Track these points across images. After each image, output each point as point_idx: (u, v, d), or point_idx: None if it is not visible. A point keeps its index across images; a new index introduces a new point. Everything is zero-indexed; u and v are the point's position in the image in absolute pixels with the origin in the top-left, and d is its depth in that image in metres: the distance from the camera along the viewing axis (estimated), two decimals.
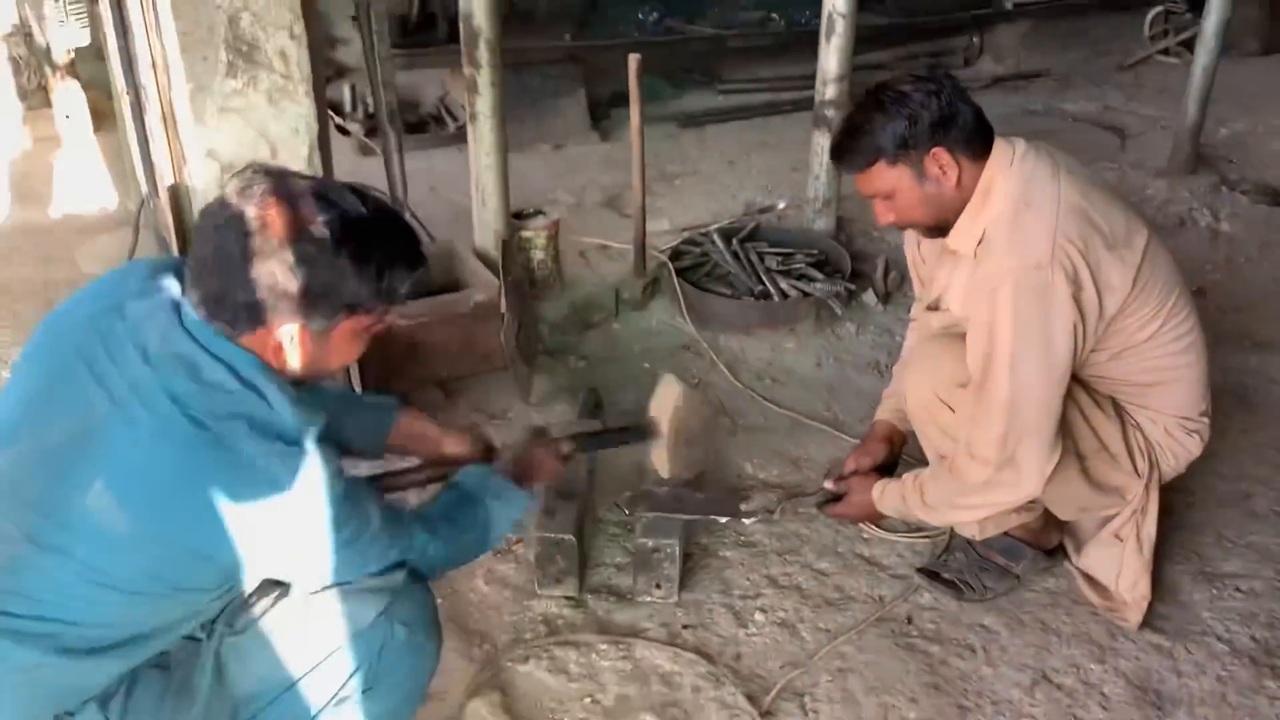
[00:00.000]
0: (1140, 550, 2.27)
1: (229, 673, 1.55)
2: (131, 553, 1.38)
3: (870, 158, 2.05)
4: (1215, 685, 2.19)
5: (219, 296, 1.39)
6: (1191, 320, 2.16)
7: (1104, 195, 2.07)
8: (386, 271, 1.44)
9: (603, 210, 4.40)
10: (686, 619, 2.37)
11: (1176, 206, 4.42)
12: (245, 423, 1.37)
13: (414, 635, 1.65)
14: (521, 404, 3.08)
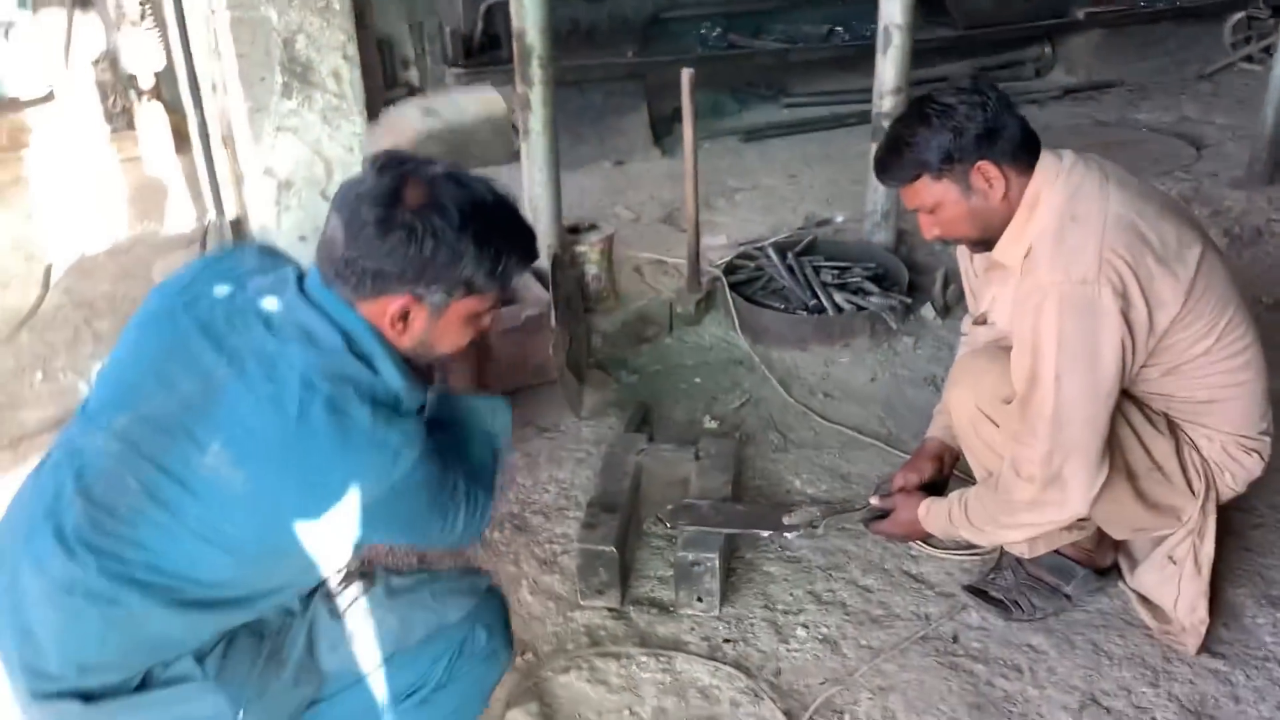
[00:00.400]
0: (1198, 573, 2.20)
1: (318, 649, 1.62)
2: (243, 513, 1.43)
3: (915, 172, 2.03)
4: (1275, 713, 2.11)
5: (348, 260, 1.45)
6: (1250, 336, 2.09)
7: (1156, 207, 2.02)
8: (504, 257, 1.50)
9: (661, 226, 4.42)
10: (727, 633, 2.36)
11: (1254, 218, 4.28)
12: (354, 386, 1.44)
13: (493, 639, 1.73)
14: (572, 418, 3.11)
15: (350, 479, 1.44)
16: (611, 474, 2.63)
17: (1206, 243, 2.04)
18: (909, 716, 2.13)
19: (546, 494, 2.83)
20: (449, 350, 1.60)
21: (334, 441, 1.42)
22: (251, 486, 1.42)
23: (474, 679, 1.74)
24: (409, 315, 1.49)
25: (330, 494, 1.44)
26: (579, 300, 3.36)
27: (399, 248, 1.44)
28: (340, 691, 1.65)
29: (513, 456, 2.26)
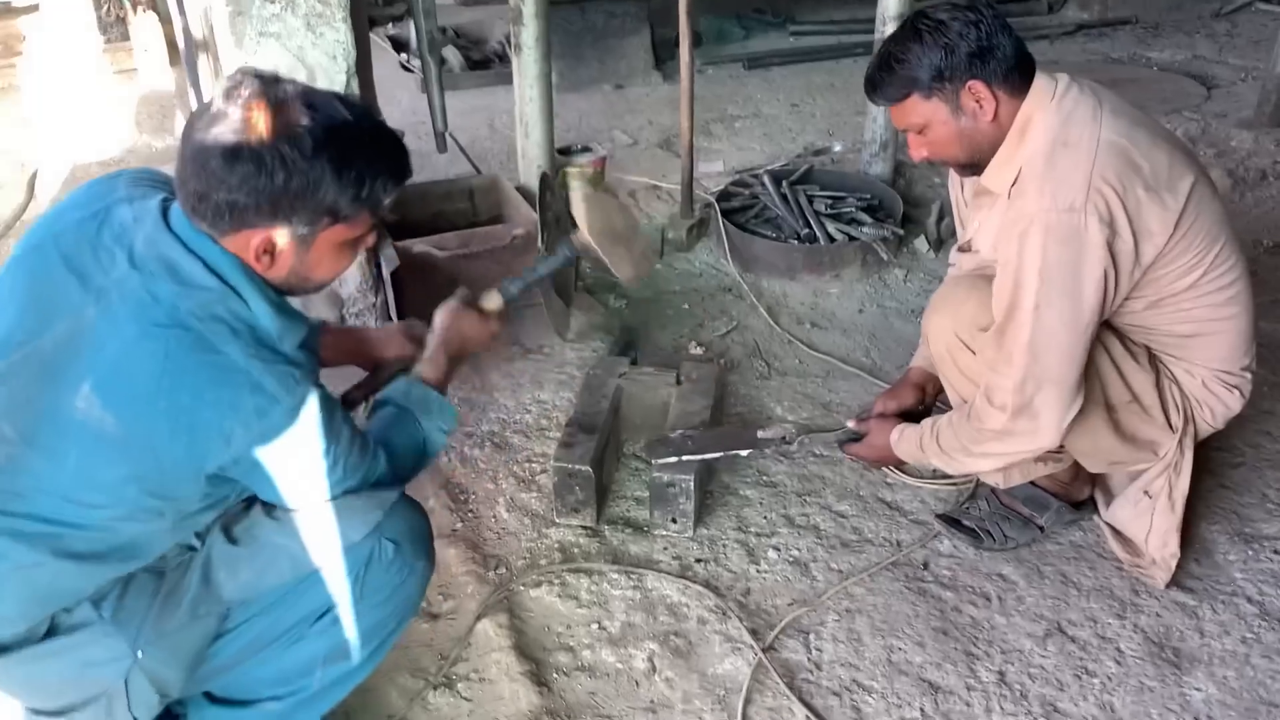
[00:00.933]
0: (1172, 508, 2.20)
1: (216, 578, 1.57)
2: (117, 458, 1.39)
3: (904, 90, 1.98)
4: (1239, 646, 2.12)
5: (201, 195, 1.40)
6: (1238, 271, 2.06)
7: (1149, 135, 1.97)
8: (368, 180, 1.44)
9: (658, 151, 4.37)
10: (700, 553, 2.37)
11: (1259, 160, 4.22)
12: (227, 325, 1.40)
13: (402, 553, 1.65)
14: (558, 340, 3.10)
15: (223, 421, 1.39)
16: (591, 395, 2.63)
17: (1199, 174, 2.00)
18: (874, 639, 2.15)
19: (528, 414, 2.84)
20: (328, 278, 1.55)
21: (206, 381, 1.38)
22: (123, 429, 1.38)
23: (387, 593, 1.67)
24: (274, 249, 1.45)
25: (203, 436, 1.39)
26: (569, 223, 3.33)
27: (249, 179, 1.37)
28: (246, 620, 1.61)
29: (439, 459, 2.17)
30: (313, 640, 1.64)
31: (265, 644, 1.63)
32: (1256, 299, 3.30)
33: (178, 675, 1.57)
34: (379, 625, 1.69)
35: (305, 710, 1.72)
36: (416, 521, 1.71)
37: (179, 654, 1.56)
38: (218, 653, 1.61)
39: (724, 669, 2.09)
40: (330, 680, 1.70)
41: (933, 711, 2.00)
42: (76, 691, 1.53)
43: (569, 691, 2.05)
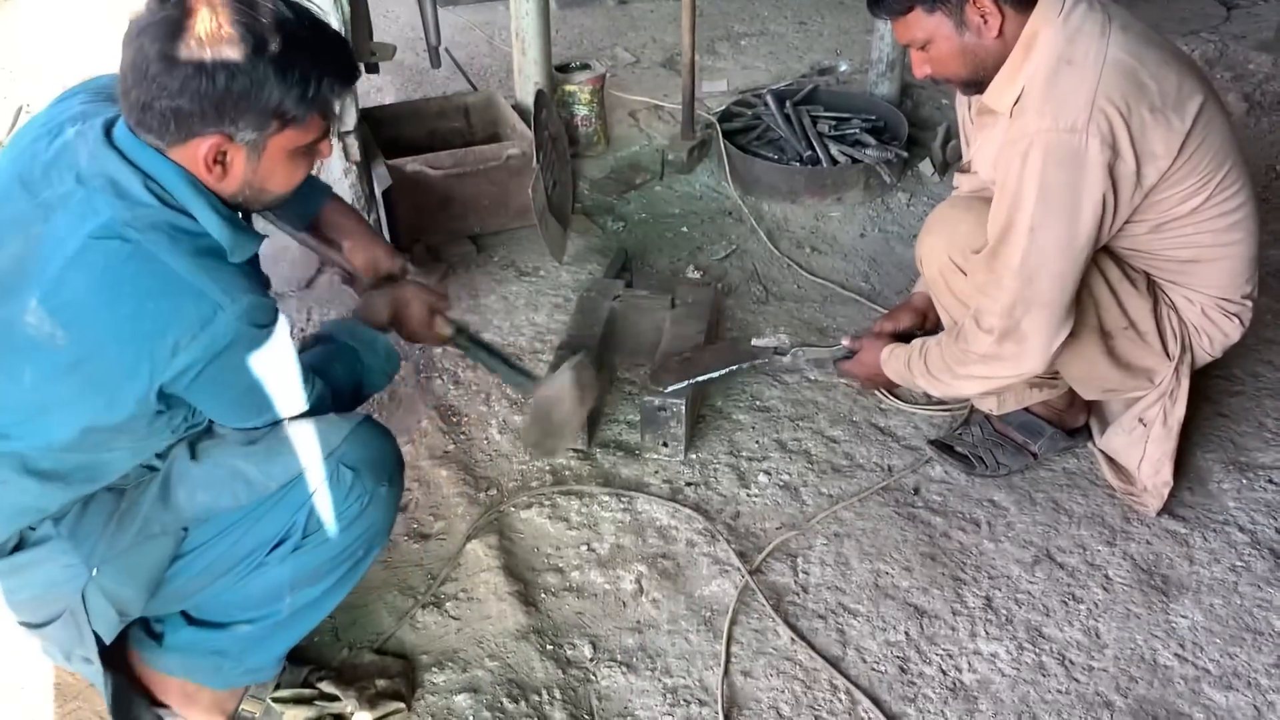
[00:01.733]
0: (1166, 436, 2.17)
1: (173, 497, 1.56)
2: (70, 372, 1.39)
3: (907, 3, 1.91)
4: (1228, 575, 2.12)
5: (145, 104, 1.38)
6: (1243, 196, 2.00)
7: (1158, 54, 1.90)
8: (314, 80, 1.41)
9: (660, 70, 4.28)
10: (690, 477, 2.37)
11: (1276, 84, 4.11)
12: (167, 235, 1.39)
13: (361, 478, 1.62)
14: (553, 262, 3.06)
15: (166, 331, 1.38)
16: (585, 318, 2.60)
17: (1209, 95, 1.93)
18: (861, 563, 2.15)
19: (522, 336, 2.82)
20: (284, 189, 1.53)
21: (146, 290, 1.37)
22: (70, 343, 1.38)
23: (348, 520, 1.64)
24: (225, 157, 1.42)
25: (148, 346, 1.38)
26: (565, 143, 3.27)
27: (190, 84, 1.34)
28: (204, 544, 1.59)
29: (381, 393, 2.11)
30: (276, 566, 1.63)
31: (226, 569, 1.62)
32: (1267, 226, 3.26)
33: (136, 595, 1.58)
34: (345, 552, 1.67)
35: (281, 633, 1.73)
36: (379, 446, 1.67)
37: (134, 573, 1.56)
38: (177, 575, 1.60)
39: (711, 591, 2.10)
40: (301, 605, 1.69)
41: (917, 635, 2.01)
42: (44, 606, 1.56)
43: (556, 611, 2.06)
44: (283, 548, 1.62)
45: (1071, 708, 1.88)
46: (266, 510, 1.59)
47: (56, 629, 1.58)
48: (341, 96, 1.49)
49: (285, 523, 1.60)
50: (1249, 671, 1.93)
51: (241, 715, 1.83)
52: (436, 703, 1.89)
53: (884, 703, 1.89)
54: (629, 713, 1.88)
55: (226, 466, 1.57)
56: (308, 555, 1.63)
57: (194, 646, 1.72)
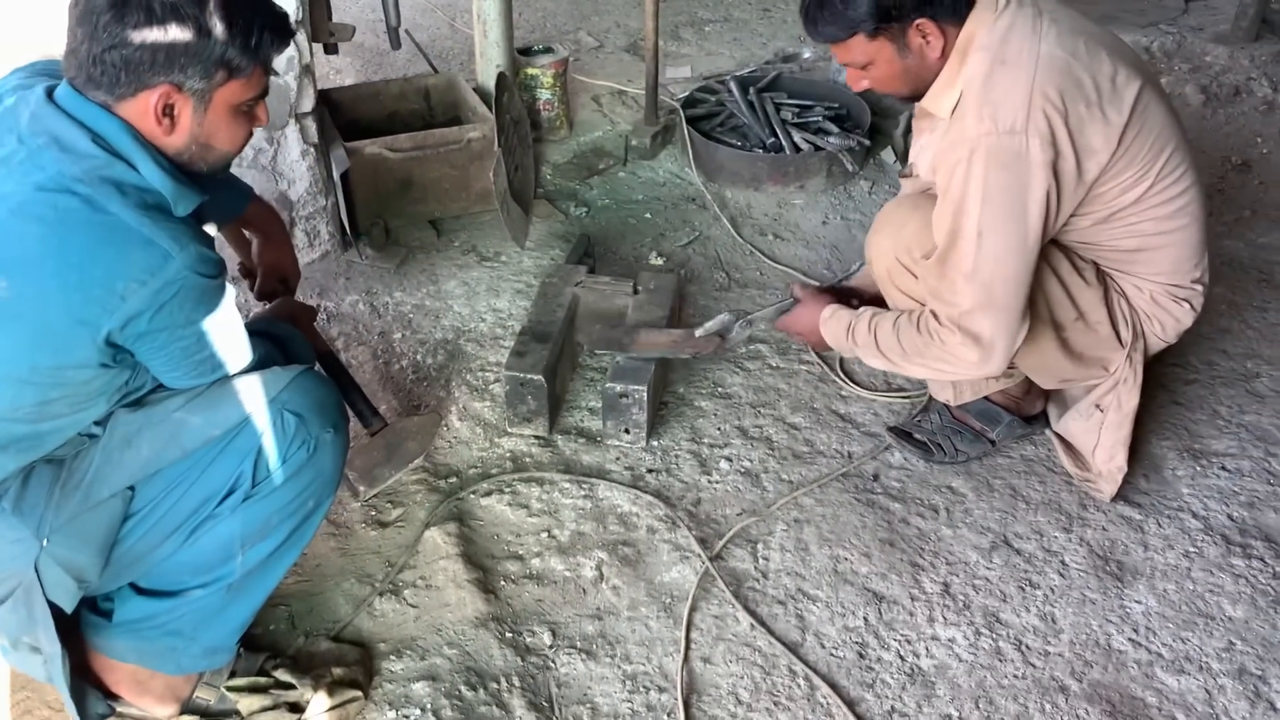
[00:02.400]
0: (1121, 422, 2.20)
1: (118, 454, 1.57)
2: (14, 324, 1.40)
3: (847, 31, 1.87)
4: (1181, 560, 2.15)
5: (95, 57, 1.41)
6: (1187, 180, 2.00)
7: (1092, 44, 1.88)
8: (256, 29, 1.47)
9: (624, 55, 4.25)
10: (652, 464, 2.37)
11: (1233, 76, 4.16)
12: (115, 186, 1.41)
13: (306, 424, 1.64)
14: (515, 247, 3.04)
15: (115, 278, 1.40)
16: (546, 304, 2.59)
17: (1146, 80, 1.92)
18: (821, 549, 2.16)
19: (483, 323, 2.79)
20: (228, 147, 1.57)
21: (95, 239, 1.39)
22: (14, 293, 1.39)
23: (295, 467, 1.65)
24: (173, 108, 1.46)
25: (95, 294, 1.40)
26: (527, 127, 3.24)
27: (141, 29, 1.39)
28: (153, 500, 1.60)
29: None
30: (226, 520, 1.64)
31: (177, 523, 1.62)
32: (1222, 217, 3.30)
33: (91, 560, 1.58)
34: (295, 501, 1.68)
35: (237, 602, 1.72)
36: (323, 393, 1.70)
37: (87, 538, 1.57)
38: (128, 534, 1.60)
39: (671, 577, 2.10)
40: (254, 563, 1.69)
41: (876, 621, 2.02)
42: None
43: (516, 599, 2.05)
44: (232, 498, 1.63)
45: (1028, 692, 1.89)
46: (213, 459, 1.60)
47: (5, 611, 1.56)
48: (279, 50, 1.55)
49: (233, 471, 1.61)
50: (1200, 655, 1.96)
51: (195, 703, 1.81)
52: (394, 691, 1.87)
53: (842, 688, 1.90)
54: (588, 700, 1.87)
55: (170, 418, 1.58)
56: (257, 505, 1.64)
57: (146, 621, 1.70)
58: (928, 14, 1.84)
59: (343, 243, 2.98)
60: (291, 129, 2.69)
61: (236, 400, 1.60)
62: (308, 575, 2.08)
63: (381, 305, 2.83)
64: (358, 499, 2.22)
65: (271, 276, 2.11)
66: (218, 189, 1.67)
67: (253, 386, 1.62)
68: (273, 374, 1.65)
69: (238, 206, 1.99)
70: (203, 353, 1.55)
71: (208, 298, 1.49)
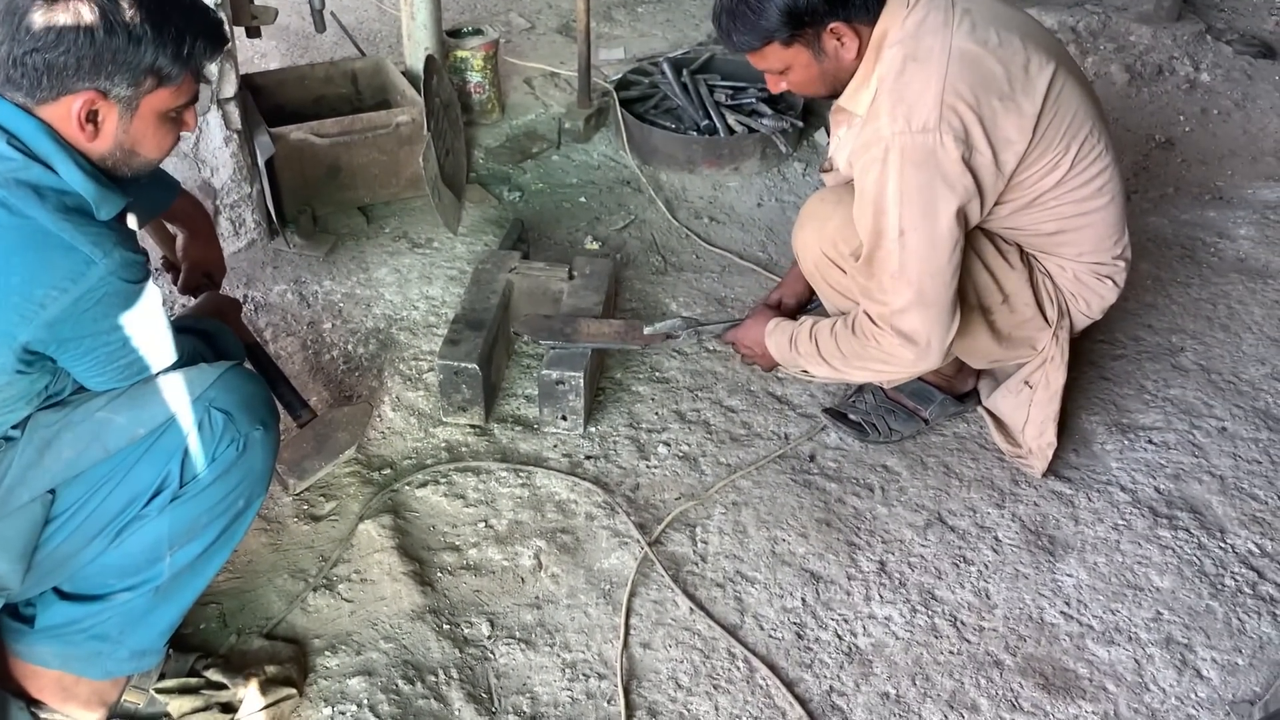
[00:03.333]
0: (1049, 399, 2.23)
1: (36, 457, 1.52)
2: None
3: (762, 40, 1.86)
4: (1110, 533, 2.19)
5: (16, 60, 1.36)
6: (1105, 160, 2.01)
7: (1005, 32, 1.88)
8: (188, 37, 1.43)
9: (556, 36, 4.20)
10: (590, 450, 2.35)
11: (1156, 55, 4.24)
12: (33, 190, 1.36)
13: (234, 422, 1.60)
14: (447, 234, 2.99)
15: (34, 285, 1.35)
16: (480, 290, 2.55)
17: (1060, 63, 1.92)
18: (758, 530, 2.16)
19: (415, 311, 2.75)
20: (154, 155, 1.52)
21: (13, 244, 1.35)
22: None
23: (224, 465, 1.62)
24: (98, 115, 1.42)
25: (13, 301, 1.35)
26: (458, 110, 3.19)
27: (68, 34, 1.34)
28: (76, 503, 1.56)
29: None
30: (154, 521, 1.59)
31: (101, 526, 1.57)
32: (1147, 194, 3.37)
33: (10, 567, 1.53)
34: (223, 501, 1.64)
35: (163, 605, 1.67)
36: (251, 390, 1.66)
37: (6, 544, 1.52)
38: (50, 539, 1.56)
39: (610, 564, 2.09)
40: (182, 565, 1.65)
41: (813, 601, 2.03)
42: None
43: (453, 590, 2.03)
44: (159, 499, 1.58)
45: (963, 668, 1.92)
46: (137, 459, 1.56)
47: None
48: (212, 58, 1.50)
49: (159, 471, 1.57)
50: (1130, 626, 2.00)
51: (124, 707, 1.76)
52: (329, 687, 1.84)
53: (781, 669, 1.90)
54: (528, 689, 1.86)
55: (92, 418, 1.53)
56: (185, 506, 1.60)
57: (70, 626, 1.65)
58: (840, 17, 1.83)
59: (269, 231, 2.91)
60: (214, 115, 2.62)
61: (162, 398, 1.56)
62: (239, 572, 2.04)
63: (310, 294, 2.77)
64: (288, 492, 2.18)
65: (196, 271, 2.05)
66: (143, 184, 1.62)
67: (178, 384, 1.58)
68: (199, 371, 1.61)
69: (164, 201, 1.93)
70: (127, 356, 1.50)
71: (131, 301, 1.45)
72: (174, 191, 1.96)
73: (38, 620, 1.66)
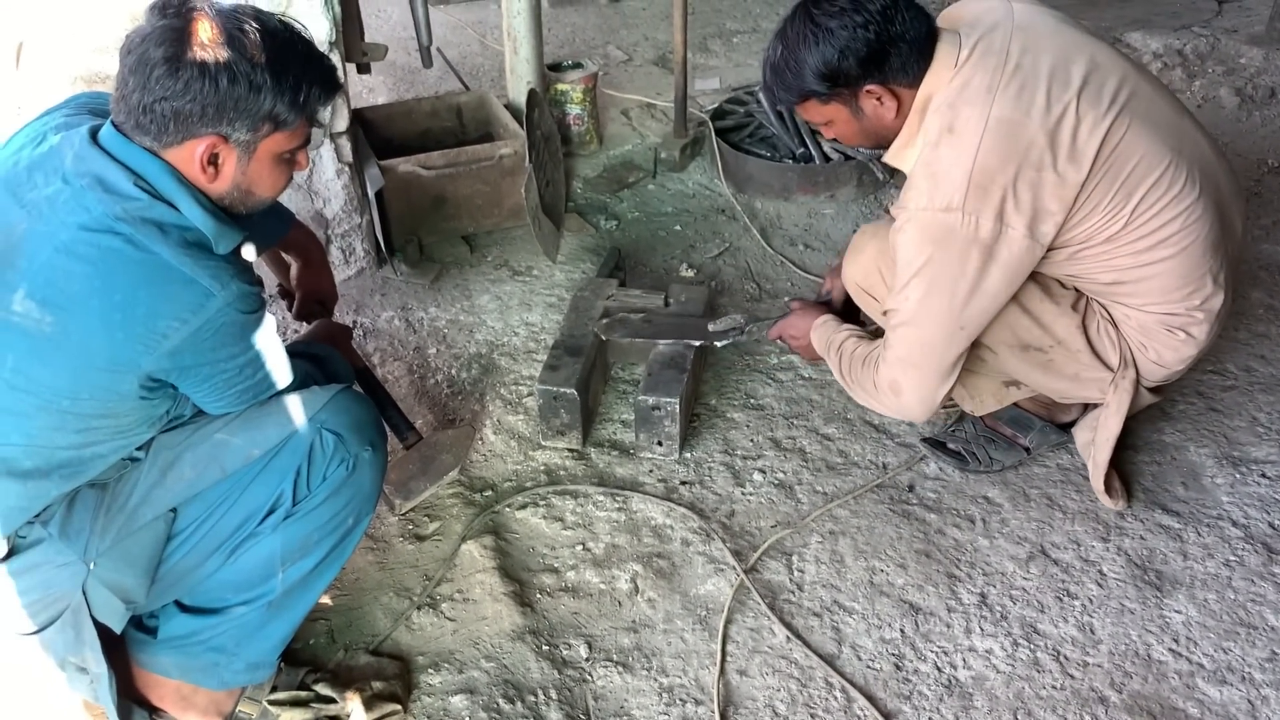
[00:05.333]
0: (1102, 444, 2.15)
1: (159, 478, 1.60)
2: (56, 357, 1.43)
3: (800, 97, 1.90)
4: (1221, 569, 2.13)
5: (146, 107, 1.44)
6: (1181, 205, 1.87)
7: (1058, 84, 1.80)
8: (305, 86, 1.50)
9: (653, 68, 4.27)
10: (685, 476, 2.37)
11: (1269, 78, 4.11)
12: (156, 227, 1.44)
13: (345, 443, 1.68)
14: (547, 262, 3.06)
15: (157, 317, 1.43)
16: (578, 317, 2.60)
17: (1124, 115, 1.82)
18: (856, 561, 2.16)
19: (516, 337, 2.82)
20: (269, 194, 1.60)
21: (139, 278, 1.42)
22: (59, 330, 1.42)
23: (335, 485, 1.69)
24: (218, 157, 1.49)
25: (138, 333, 1.43)
26: (558, 142, 3.27)
27: (194, 84, 1.42)
28: (196, 521, 1.64)
29: None
30: (267, 538, 1.67)
31: (218, 543, 1.66)
32: (1259, 220, 3.26)
33: (137, 581, 1.62)
34: (334, 519, 1.72)
35: (276, 619, 1.75)
36: (360, 412, 1.74)
37: (132, 560, 1.61)
38: (172, 554, 1.65)
39: (706, 590, 2.10)
40: (294, 580, 1.72)
41: (912, 632, 2.01)
42: (44, 610, 1.58)
43: (552, 611, 2.06)
44: (273, 517, 1.67)
45: (1067, 704, 1.88)
46: (252, 479, 1.64)
47: (53, 633, 1.60)
48: (326, 105, 1.58)
49: (273, 491, 1.65)
50: (1243, 666, 1.94)
51: (238, 717, 1.84)
52: (433, 704, 1.89)
53: (879, 700, 1.89)
54: (625, 712, 1.88)
55: (211, 440, 1.62)
56: (297, 524, 1.68)
57: (190, 638, 1.73)
58: (876, 80, 1.84)
59: (378, 259, 3.01)
60: (327, 148, 2.73)
61: (276, 420, 1.64)
62: (346, 589, 2.11)
63: (416, 321, 2.86)
64: (394, 512, 2.25)
65: (310, 299, 2.15)
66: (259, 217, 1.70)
67: (292, 406, 1.66)
68: (311, 393, 1.69)
69: (279, 232, 2.03)
70: (244, 382, 1.59)
71: (248, 330, 1.53)
72: (288, 223, 2.05)
73: (159, 631, 1.75)
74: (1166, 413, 2.47)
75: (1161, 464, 2.37)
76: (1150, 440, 2.41)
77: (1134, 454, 2.37)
